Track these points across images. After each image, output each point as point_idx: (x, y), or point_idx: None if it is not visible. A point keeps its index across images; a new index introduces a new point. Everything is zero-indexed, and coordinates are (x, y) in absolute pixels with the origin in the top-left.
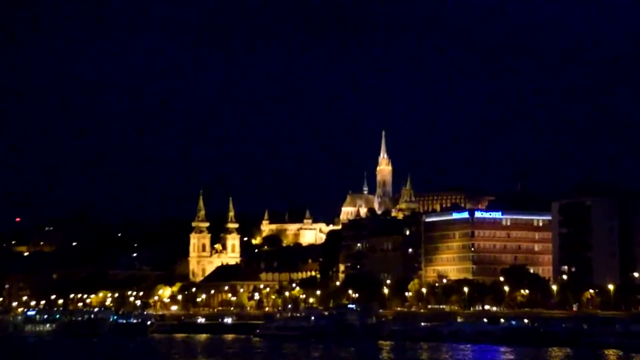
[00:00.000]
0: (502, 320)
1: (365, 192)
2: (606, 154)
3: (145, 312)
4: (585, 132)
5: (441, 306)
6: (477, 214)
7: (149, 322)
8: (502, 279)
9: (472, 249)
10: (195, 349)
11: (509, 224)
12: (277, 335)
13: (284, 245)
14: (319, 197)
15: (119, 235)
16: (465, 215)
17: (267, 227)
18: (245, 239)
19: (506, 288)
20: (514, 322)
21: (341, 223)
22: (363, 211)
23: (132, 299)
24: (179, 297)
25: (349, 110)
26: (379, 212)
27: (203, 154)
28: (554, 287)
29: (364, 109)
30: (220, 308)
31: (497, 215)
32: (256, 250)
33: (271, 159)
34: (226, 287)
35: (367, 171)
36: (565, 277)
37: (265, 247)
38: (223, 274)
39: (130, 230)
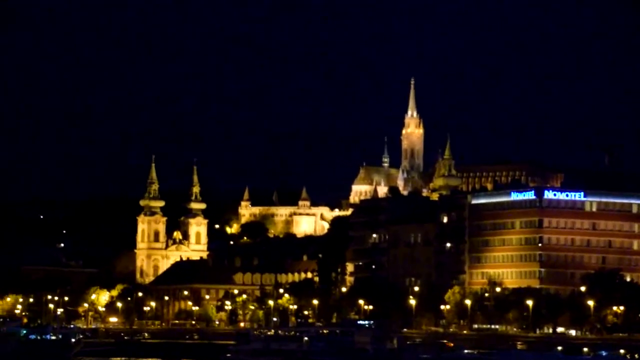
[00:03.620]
0: (585, 349)
1: (386, 164)
2: None
3: (70, 325)
4: None
5: (493, 326)
6: (548, 194)
7: (73, 340)
8: (583, 289)
9: (540, 244)
10: None
11: (594, 209)
12: None
13: (270, 235)
14: (320, 172)
15: (41, 217)
16: (531, 195)
17: (247, 211)
18: (217, 226)
19: (590, 303)
20: (604, 353)
21: (350, 207)
22: (382, 190)
23: (52, 305)
24: (120, 304)
25: (364, 54)
26: (404, 191)
27: (156, 112)
28: None
29: (385, 51)
30: (177, 321)
31: (577, 196)
32: (231, 242)
33: (254, 119)
34: (186, 292)
35: (388, 136)
36: None
37: (244, 237)
38: (182, 273)
39: (53, 212)
